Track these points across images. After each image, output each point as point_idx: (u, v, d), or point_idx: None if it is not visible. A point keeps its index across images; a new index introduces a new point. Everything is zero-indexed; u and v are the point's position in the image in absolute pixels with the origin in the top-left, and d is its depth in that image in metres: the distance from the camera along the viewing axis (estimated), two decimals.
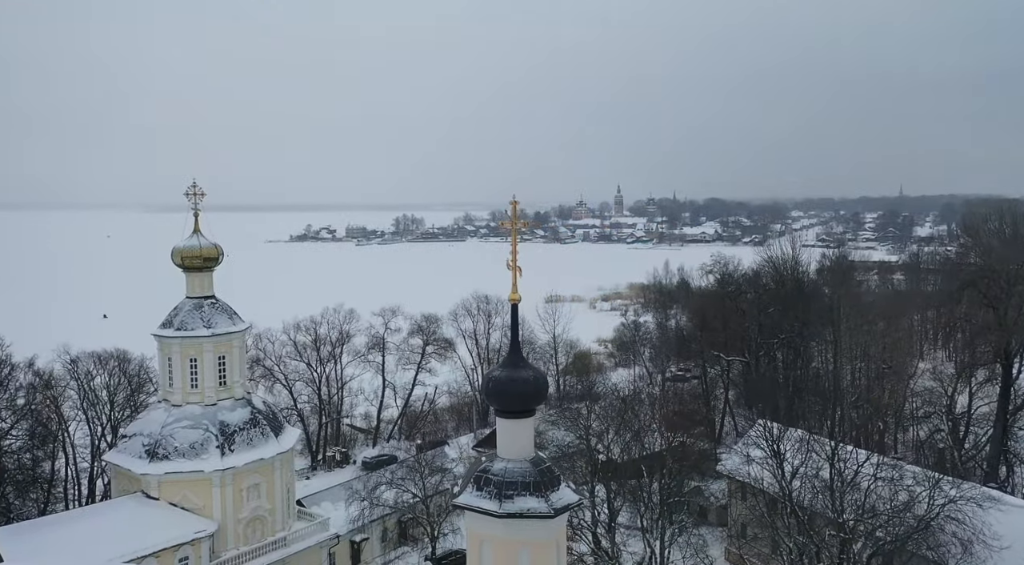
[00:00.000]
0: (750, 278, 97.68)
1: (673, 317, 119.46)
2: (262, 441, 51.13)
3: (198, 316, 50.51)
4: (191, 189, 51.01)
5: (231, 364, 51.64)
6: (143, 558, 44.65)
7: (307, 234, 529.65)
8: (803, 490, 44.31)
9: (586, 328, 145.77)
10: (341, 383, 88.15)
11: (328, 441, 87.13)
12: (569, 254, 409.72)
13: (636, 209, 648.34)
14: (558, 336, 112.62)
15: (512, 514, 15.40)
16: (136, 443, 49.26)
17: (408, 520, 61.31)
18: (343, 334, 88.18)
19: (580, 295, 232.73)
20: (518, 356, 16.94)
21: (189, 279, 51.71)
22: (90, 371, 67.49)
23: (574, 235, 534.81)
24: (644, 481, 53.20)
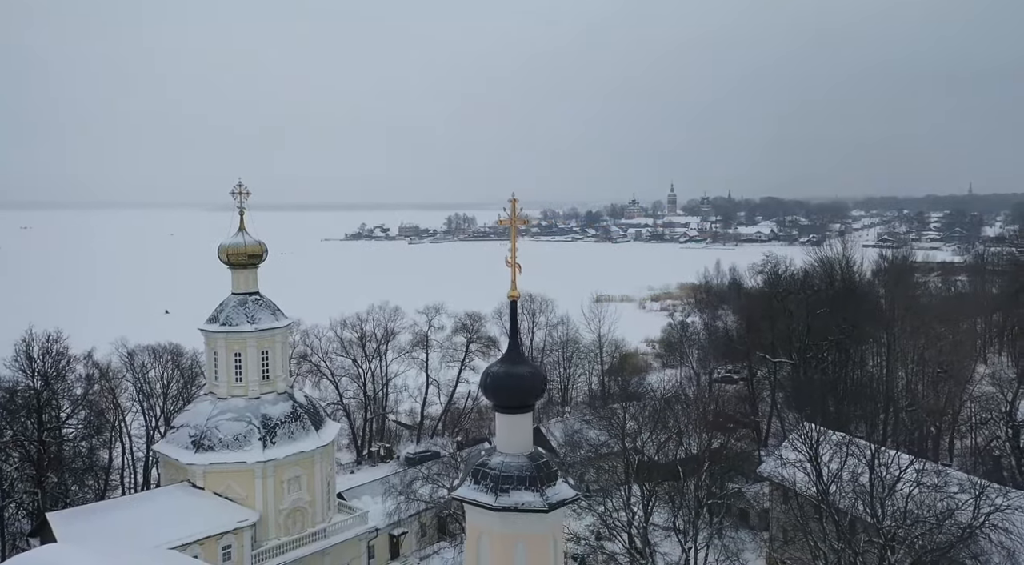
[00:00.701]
0: (798, 278, 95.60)
1: (721, 318, 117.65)
2: (303, 434, 52.37)
3: (242, 312, 52.03)
4: (237, 188, 52.55)
5: (274, 359, 53.04)
6: (188, 545, 46.24)
7: (361, 232, 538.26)
8: (842, 495, 43.30)
9: (634, 328, 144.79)
10: (386, 379, 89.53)
11: (373, 436, 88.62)
12: (620, 253, 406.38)
13: (690, 208, 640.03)
14: (603, 336, 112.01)
15: (507, 508, 15.60)
16: (183, 434, 51.04)
17: (446, 516, 61.93)
18: (388, 331, 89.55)
19: (629, 295, 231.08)
20: (517, 352, 17.12)
21: (234, 276, 53.31)
22: (145, 364, 70.15)
23: (626, 234, 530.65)
24: (682, 482, 52.78)
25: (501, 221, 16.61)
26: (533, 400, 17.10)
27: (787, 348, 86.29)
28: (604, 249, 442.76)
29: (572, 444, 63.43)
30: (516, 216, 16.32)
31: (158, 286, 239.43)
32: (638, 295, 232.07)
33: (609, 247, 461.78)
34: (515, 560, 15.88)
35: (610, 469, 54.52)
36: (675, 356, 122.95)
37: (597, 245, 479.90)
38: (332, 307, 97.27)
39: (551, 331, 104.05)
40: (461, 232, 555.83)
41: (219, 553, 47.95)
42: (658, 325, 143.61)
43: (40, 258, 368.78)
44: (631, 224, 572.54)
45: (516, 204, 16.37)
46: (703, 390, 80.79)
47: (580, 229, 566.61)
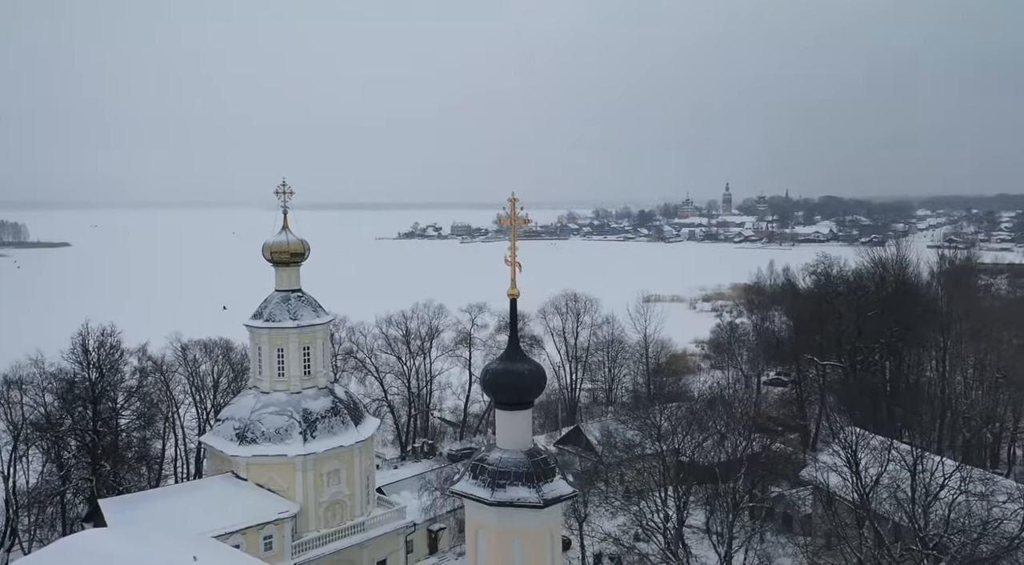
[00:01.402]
0: (849, 279, 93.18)
1: (770, 319, 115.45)
2: (342, 429, 53.46)
3: (285, 308, 53.39)
4: (280, 188, 53.91)
5: (315, 354, 54.28)
6: (230, 534, 47.69)
7: (414, 231, 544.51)
8: (881, 500, 42.19)
9: (683, 329, 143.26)
10: (430, 376, 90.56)
11: (417, 433, 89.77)
12: (672, 253, 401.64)
13: (746, 208, 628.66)
14: (649, 336, 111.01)
15: (503, 503, 15.82)
16: (228, 427, 52.65)
17: None
18: (432, 329, 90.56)
19: (680, 295, 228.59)
20: (516, 349, 17.34)
21: (278, 273, 54.74)
22: (196, 358, 72.58)
23: (679, 234, 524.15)
24: (720, 485, 52.16)
25: (501, 220, 16.83)
26: (532, 397, 17.29)
27: (837, 351, 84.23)
28: (656, 249, 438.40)
29: (610, 445, 63.24)
30: (516, 215, 16.49)
31: (218, 282, 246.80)
32: (689, 296, 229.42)
33: (661, 247, 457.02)
34: (512, 554, 16.09)
35: (647, 470, 54.12)
36: (724, 357, 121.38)
37: (649, 245, 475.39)
38: (379, 304, 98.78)
39: (595, 331, 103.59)
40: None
41: (261, 543, 49.32)
42: (708, 326, 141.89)
43: (107, 255, 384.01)
44: (684, 224, 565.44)
45: (516, 204, 16.56)
46: (748, 392, 79.36)
47: (632, 229, 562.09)
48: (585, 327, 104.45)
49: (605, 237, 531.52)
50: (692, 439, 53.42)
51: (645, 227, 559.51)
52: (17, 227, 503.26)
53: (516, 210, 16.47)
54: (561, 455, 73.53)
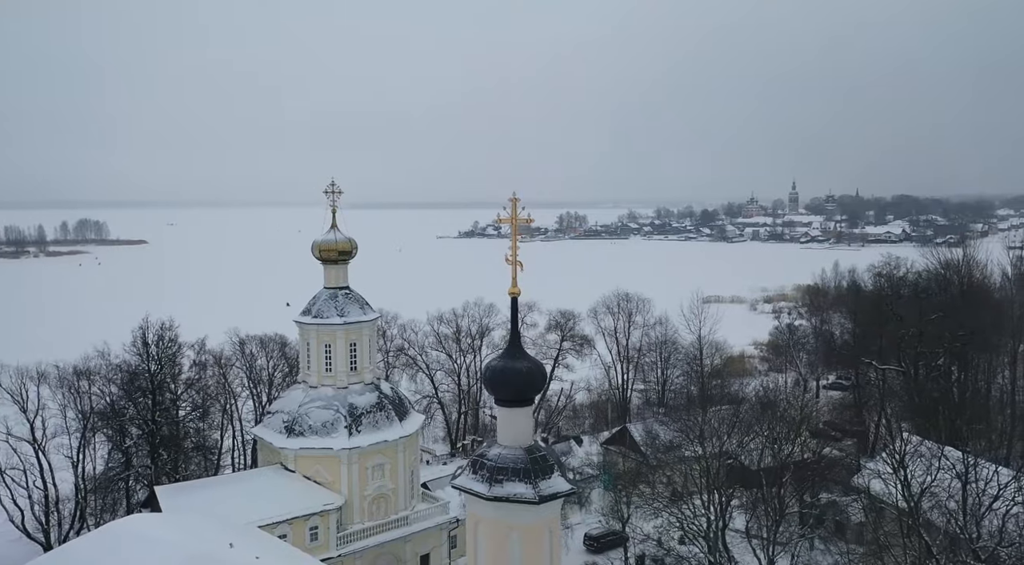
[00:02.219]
0: (911, 281, 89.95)
1: (830, 321, 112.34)
2: (387, 424, 54.50)
3: (333, 305, 54.75)
4: (329, 188, 55.28)
5: (361, 351, 55.49)
6: (277, 524, 49.24)
7: (474, 230, 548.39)
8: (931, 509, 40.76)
9: (741, 330, 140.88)
10: (480, 374, 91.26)
11: (467, 430, 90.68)
12: (734, 253, 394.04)
13: (813, 207, 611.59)
14: (703, 337, 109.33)
15: (499, 498, 16.09)
16: (277, 419, 54.32)
17: None
18: (483, 327, 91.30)
19: (740, 296, 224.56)
20: (517, 347, 17.56)
21: (326, 270, 56.16)
22: (253, 352, 75.06)
23: (742, 234, 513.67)
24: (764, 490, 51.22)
25: (500, 219, 17.07)
26: (532, 394, 17.49)
27: (897, 355, 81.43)
28: (718, 249, 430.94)
29: (654, 446, 62.75)
30: (516, 215, 16.72)
31: (281, 279, 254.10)
32: (750, 297, 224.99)
33: (724, 247, 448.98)
34: (509, 549, 16.34)
35: (690, 472, 53.50)
36: (782, 360, 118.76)
37: (711, 245, 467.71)
38: (431, 302, 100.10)
39: (647, 331, 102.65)
40: (572, 230, 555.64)
41: (307, 533, 50.77)
42: (767, 328, 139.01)
43: (180, 252, 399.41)
44: (748, 223, 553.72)
45: (516, 203, 16.79)
46: (801, 396, 77.44)
47: (694, 228, 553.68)
48: (637, 327, 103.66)
49: (666, 237, 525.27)
50: (736, 441, 52.54)
51: (707, 227, 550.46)
52: (99, 225, 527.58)
53: (517, 210, 16.66)
54: (606, 455, 73.34)
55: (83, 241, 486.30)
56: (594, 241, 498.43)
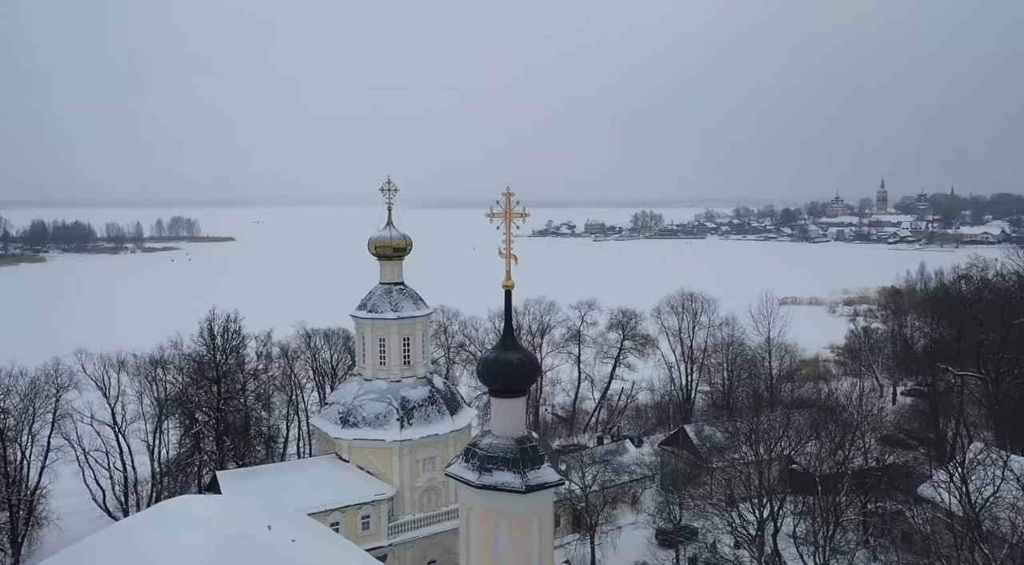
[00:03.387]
0: (994, 284, 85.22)
1: (907, 325, 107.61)
2: (438, 418, 55.43)
3: (387, 300, 56.05)
4: (386, 186, 56.57)
5: (414, 345, 56.60)
6: (331, 511, 50.88)
7: (547, 229, 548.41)
8: (996, 520, 38.76)
9: (817, 333, 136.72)
10: (539, 372, 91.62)
11: (527, 427, 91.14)
12: (816, 254, 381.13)
13: (904, 206, 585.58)
14: (772, 339, 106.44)
15: (488, 486, 16.38)
16: (333, 410, 56.02)
17: (581, 509, 62.66)
18: (543, 325, 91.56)
19: (819, 298, 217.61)
20: (510, 339, 17.78)
21: (382, 266, 57.51)
22: (318, 345, 77.58)
23: (825, 234, 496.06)
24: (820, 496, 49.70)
25: (493, 213, 17.33)
26: (524, 385, 17.69)
27: (977, 361, 77.31)
28: (798, 249, 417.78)
29: (709, 448, 61.70)
30: (510, 209, 16.98)
31: (360, 275, 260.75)
32: (829, 298, 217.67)
33: (805, 247, 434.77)
34: (498, 537, 16.62)
35: (742, 476, 52.42)
36: (857, 365, 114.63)
37: (792, 245, 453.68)
38: (493, 300, 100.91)
39: (713, 332, 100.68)
40: (647, 229, 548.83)
41: (359, 522, 52.23)
42: (844, 331, 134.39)
43: (264, 248, 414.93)
44: (832, 223, 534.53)
45: (511, 197, 17.04)
46: (865, 401, 74.47)
47: (775, 228, 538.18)
48: (702, 327, 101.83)
49: (744, 237, 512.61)
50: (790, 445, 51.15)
51: (788, 226, 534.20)
52: (191, 223, 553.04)
53: (511, 204, 16.92)
54: (663, 456, 72.46)
55: (176, 238, 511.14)
56: (669, 240, 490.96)
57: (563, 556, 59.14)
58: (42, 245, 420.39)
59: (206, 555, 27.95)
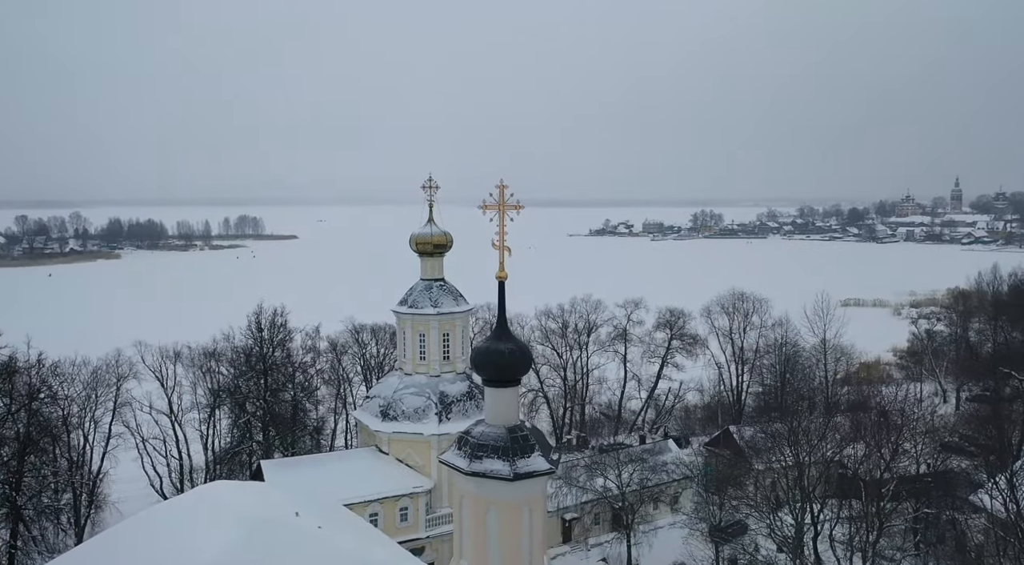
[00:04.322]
0: None
1: (971, 328, 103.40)
2: (476, 413, 55.77)
3: (427, 296, 56.83)
4: (427, 183, 57.31)
5: (454, 341, 57.24)
6: (370, 502, 51.96)
7: (605, 228, 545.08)
8: None
9: (879, 335, 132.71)
10: (585, 370, 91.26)
11: (573, 425, 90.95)
12: (883, 254, 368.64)
13: (980, 205, 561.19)
14: (828, 341, 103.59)
15: (477, 473, 16.63)
16: (374, 403, 57.12)
17: (620, 508, 62.28)
18: (589, 323, 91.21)
19: (884, 299, 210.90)
20: (503, 330, 17.95)
21: (422, 263, 58.33)
22: (365, 340, 79.07)
23: (894, 234, 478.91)
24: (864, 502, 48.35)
25: (486, 206, 17.52)
26: (516, 375, 17.84)
27: None
28: (865, 249, 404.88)
29: (754, 449, 60.52)
30: (504, 201, 17.16)
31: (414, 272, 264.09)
32: (895, 300, 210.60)
33: (872, 247, 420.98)
34: (488, 523, 16.85)
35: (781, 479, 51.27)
36: (919, 369, 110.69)
37: (858, 245, 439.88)
38: (540, 298, 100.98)
39: (764, 333, 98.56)
40: (707, 229, 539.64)
41: (397, 514, 53.17)
42: (908, 334, 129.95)
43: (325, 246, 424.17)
44: (902, 223, 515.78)
45: (504, 190, 17.22)
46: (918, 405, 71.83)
47: (840, 228, 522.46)
48: (754, 328, 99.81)
49: (808, 236, 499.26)
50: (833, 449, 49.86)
51: (855, 226, 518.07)
52: (256, 221, 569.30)
53: (504, 196, 17.11)
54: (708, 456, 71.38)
55: (242, 236, 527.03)
56: (729, 240, 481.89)
57: (599, 554, 59.06)
58: (118, 242, 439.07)
59: (233, 538, 28.84)
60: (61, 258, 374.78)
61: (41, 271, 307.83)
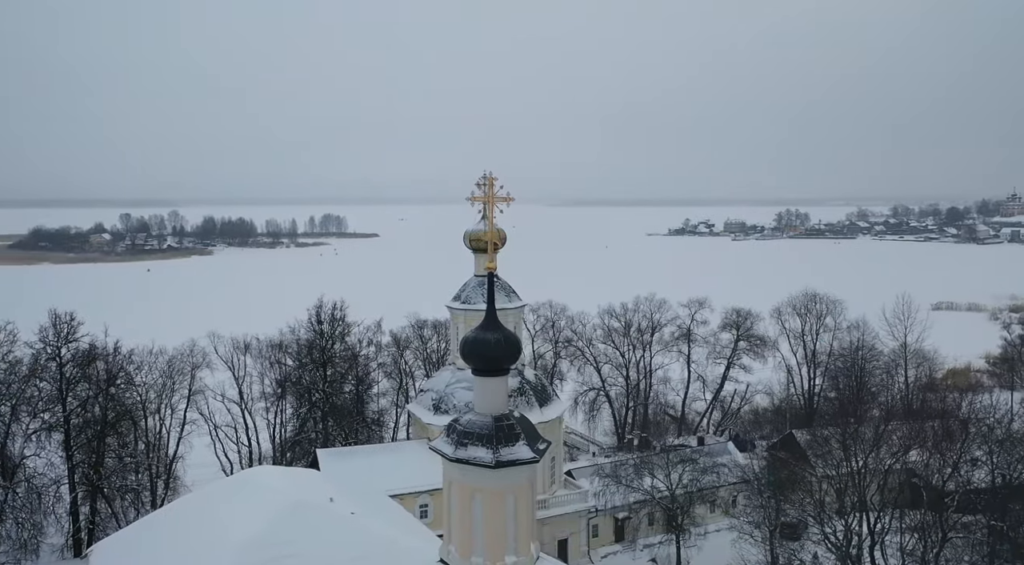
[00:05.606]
0: None
1: None
2: (526, 409, 55.99)
3: (480, 292, 57.34)
4: (481, 181, 57.83)
5: None
6: (419, 493, 52.98)
7: (684, 228, 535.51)
8: None
9: (972, 341, 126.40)
10: (648, 370, 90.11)
11: (636, 424, 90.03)
12: (984, 256, 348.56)
13: None
14: (909, 345, 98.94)
15: (460, 460, 16.89)
16: (427, 397, 58.12)
17: (675, 509, 61.33)
18: (653, 322, 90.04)
19: (980, 303, 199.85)
20: (492, 320, 18.10)
21: (476, 259, 58.91)
22: (427, 335, 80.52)
23: (997, 235, 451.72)
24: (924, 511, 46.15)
25: (474, 197, 17.70)
26: (504, 365, 17.98)
27: None
28: (964, 251, 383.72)
29: (816, 454, 58.48)
30: (493, 193, 17.35)
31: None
32: (993, 304, 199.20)
33: (972, 249, 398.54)
34: (473, 510, 17.09)
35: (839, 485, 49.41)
36: (1013, 376, 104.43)
37: (956, 246, 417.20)
38: (603, 296, 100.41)
39: (839, 335, 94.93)
40: (792, 229, 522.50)
41: None
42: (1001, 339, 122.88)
43: (404, 243, 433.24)
44: (1007, 223, 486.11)
45: (493, 182, 17.40)
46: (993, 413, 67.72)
47: (937, 228, 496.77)
48: (828, 330, 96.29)
49: (901, 237, 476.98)
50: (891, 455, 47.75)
51: (953, 226, 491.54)
52: (340, 219, 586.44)
53: (493, 188, 17.29)
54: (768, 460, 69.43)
55: (326, 234, 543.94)
56: (814, 241, 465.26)
57: (649, 555, 58.37)
58: (211, 239, 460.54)
59: (269, 519, 30.23)
60: (159, 254, 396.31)
61: (141, 266, 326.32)
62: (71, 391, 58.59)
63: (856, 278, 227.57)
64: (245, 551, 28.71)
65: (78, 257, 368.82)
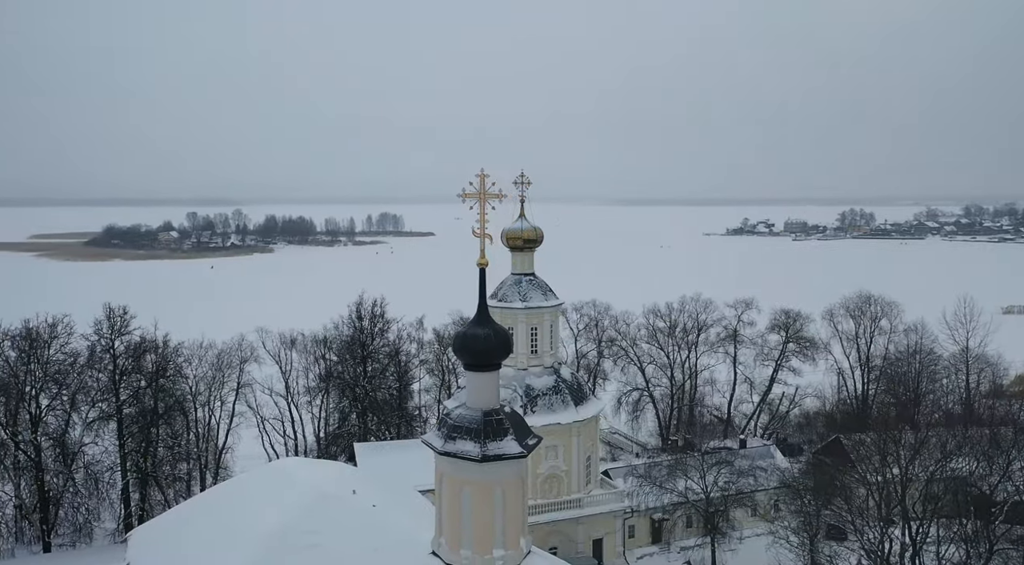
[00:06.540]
0: None
1: None
2: (561, 408, 55.94)
3: (516, 290, 57.43)
4: (519, 179, 57.86)
5: (542, 335, 57.50)
6: None
7: (743, 227, 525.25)
8: None
9: None
10: (693, 371, 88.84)
11: (681, 425, 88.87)
12: None
13: None
14: (970, 349, 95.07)
15: (448, 453, 17.04)
16: (463, 395, 58.37)
17: (712, 512, 60.37)
18: (699, 323, 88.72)
19: None
20: (484, 316, 18.17)
21: (513, 257, 58.93)
22: None
23: None
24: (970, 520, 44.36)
25: (466, 193, 17.77)
26: (494, 360, 17.99)
27: None
28: None
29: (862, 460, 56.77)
30: (484, 190, 17.42)
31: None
32: None
33: None
34: (462, 503, 17.23)
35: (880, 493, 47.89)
36: None
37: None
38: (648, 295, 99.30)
39: (895, 338, 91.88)
40: (856, 229, 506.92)
41: None
42: None
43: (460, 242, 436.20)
44: None
45: (484, 178, 17.47)
46: None
47: (1013, 228, 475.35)
48: (883, 333, 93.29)
49: (973, 238, 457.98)
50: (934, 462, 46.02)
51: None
52: (397, 218, 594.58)
53: (485, 185, 17.36)
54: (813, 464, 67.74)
55: (383, 232, 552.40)
56: (880, 241, 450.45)
57: (684, 558, 57.59)
58: (272, 237, 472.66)
59: (293, 510, 30.94)
60: (223, 252, 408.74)
61: (204, 263, 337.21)
62: (123, 382, 61.01)
63: (919, 280, 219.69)
64: (269, 540, 29.47)
65: (147, 254, 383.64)
